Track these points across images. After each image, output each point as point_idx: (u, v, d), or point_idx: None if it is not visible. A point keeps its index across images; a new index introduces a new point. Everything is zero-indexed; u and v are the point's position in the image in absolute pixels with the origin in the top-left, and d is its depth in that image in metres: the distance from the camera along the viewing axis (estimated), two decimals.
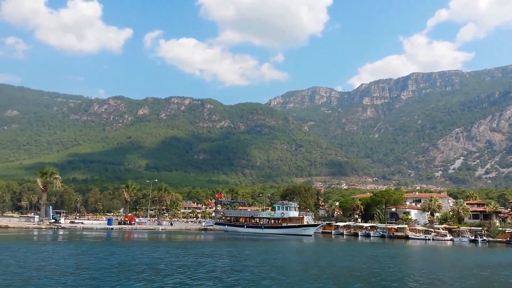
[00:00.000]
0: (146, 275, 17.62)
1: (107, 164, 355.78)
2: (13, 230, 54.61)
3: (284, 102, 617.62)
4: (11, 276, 16.00)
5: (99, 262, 21.17)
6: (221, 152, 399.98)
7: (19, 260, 20.81)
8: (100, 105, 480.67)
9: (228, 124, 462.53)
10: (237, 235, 67.59)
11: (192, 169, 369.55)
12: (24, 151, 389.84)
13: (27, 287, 13.99)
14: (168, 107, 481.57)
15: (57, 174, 67.95)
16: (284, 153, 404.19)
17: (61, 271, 17.80)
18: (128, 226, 71.62)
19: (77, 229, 62.54)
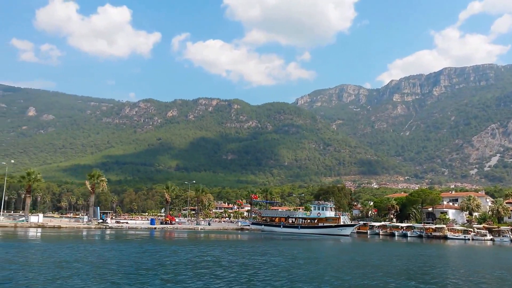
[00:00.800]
0: (221, 271, 19.24)
1: (139, 165, 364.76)
2: (65, 230, 58.02)
3: (311, 101, 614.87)
4: (113, 272, 17.82)
5: (169, 259, 23.03)
6: (249, 152, 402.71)
7: (104, 257, 22.83)
8: (131, 108, 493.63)
9: (255, 124, 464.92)
10: (274, 235, 68.96)
11: (220, 170, 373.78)
12: (60, 153, 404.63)
13: (133, 283, 15.59)
14: (196, 109, 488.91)
15: (103, 176, 71.62)
16: (312, 153, 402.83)
17: (143, 267, 19.61)
18: (170, 225, 74.45)
19: (123, 229, 65.61)
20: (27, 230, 54.13)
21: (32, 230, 55.41)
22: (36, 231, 52.69)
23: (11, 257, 22.33)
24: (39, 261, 20.85)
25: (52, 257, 22.28)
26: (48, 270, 17.63)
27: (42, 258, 21.99)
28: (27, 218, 62.65)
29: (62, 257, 22.31)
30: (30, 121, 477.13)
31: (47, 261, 20.70)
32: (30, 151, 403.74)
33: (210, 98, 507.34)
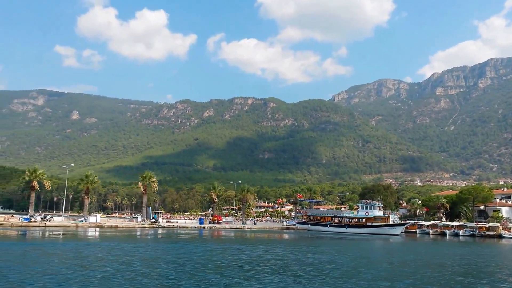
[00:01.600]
0: (299, 268, 20.41)
1: (177, 165, 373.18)
2: (121, 229, 61.24)
3: (348, 97, 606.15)
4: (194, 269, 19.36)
5: (240, 257, 24.45)
6: (286, 150, 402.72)
7: (182, 256, 24.51)
8: (168, 109, 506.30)
9: (291, 122, 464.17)
10: (321, 234, 69.48)
11: (257, 169, 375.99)
12: (103, 155, 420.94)
13: (222, 278, 16.98)
14: (231, 108, 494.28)
15: (154, 177, 74.81)
16: (351, 150, 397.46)
17: (222, 265, 21.07)
18: (218, 225, 76.68)
19: (174, 228, 68.31)
20: (87, 230, 57.58)
21: (91, 229, 58.89)
22: (95, 231, 55.95)
23: (104, 255, 24.37)
24: (130, 259, 22.58)
25: (135, 255, 24.13)
26: (148, 269, 19.23)
27: (129, 256, 23.80)
28: (86, 218, 66.58)
29: (146, 255, 24.12)
30: (74, 125, 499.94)
31: (136, 259, 22.48)
32: (74, 153, 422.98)
33: (246, 97, 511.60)
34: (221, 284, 15.14)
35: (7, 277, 15.43)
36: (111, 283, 15.01)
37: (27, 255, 23.48)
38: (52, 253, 24.46)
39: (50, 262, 20.61)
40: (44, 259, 21.56)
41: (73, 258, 22.71)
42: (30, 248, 27.99)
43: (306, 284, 16.11)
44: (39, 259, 21.78)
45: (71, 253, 24.91)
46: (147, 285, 14.49)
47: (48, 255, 23.44)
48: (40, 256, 23.20)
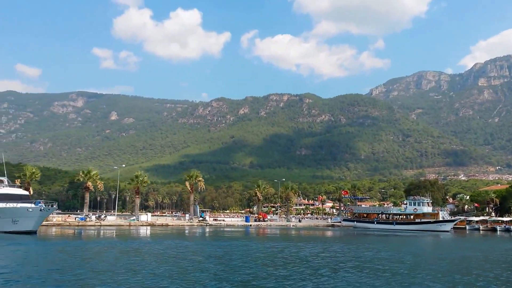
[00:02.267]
0: (369, 265, 21.30)
1: (214, 163, 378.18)
2: (172, 228, 63.93)
3: (387, 90, 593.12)
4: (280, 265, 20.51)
5: (302, 254, 25.57)
6: (323, 146, 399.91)
7: (249, 254, 25.84)
8: (204, 107, 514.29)
9: (328, 117, 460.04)
10: (368, 231, 69.50)
11: (295, 165, 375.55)
12: (141, 155, 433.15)
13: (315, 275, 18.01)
14: (267, 105, 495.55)
15: (201, 177, 77.34)
16: (391, 144, 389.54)
17: (289, 262, 22.19)
18: (263, 223, 78.30)
19: (221, 226, 70.49)
20: (139, 228, 60.49)
21: (143, 228, 61.80)
22: (146, 229, 58.68)
23: (177, 252, 26.18)
24: (202, 256, 24.21)
25: (204, 252, 25.76)
26: (224, 265, 20.64)
27: (199, 254, 25.45)
28: (137, 217, 69.90)
29: (214, 253, 25.70)
30: (112, 125, 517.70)
31: (207, 256, 24.07)
32: (114, 153, 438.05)
33: (281, 93, 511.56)
34: (310, 281, 15.94)
35: (114, 275, 17.01)
36: (202, 276, 16.38)
37: (106, 253, 25.47)
38: (129, 251, 26.41)
39: (131, 259, 22.35)
40: (125, 257, 23.29)
41: (151, 254, 24.49)
42: (105, 247, 30.25)
43: (387, 279, 16.94)
44: (121, 257, 23.50)
45: (146, 251, 26.82)
46: (239, 281, 15.53)
47: (125, 253, 25.32)
48: (119, 254, 25.14)
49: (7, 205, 39.55)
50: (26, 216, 38.83)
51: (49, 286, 13.93)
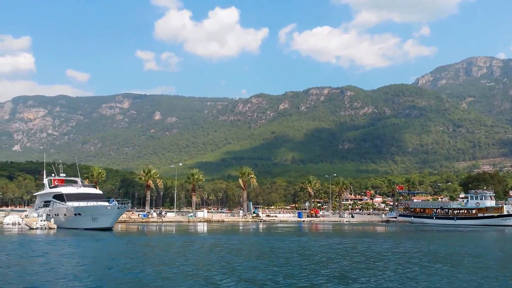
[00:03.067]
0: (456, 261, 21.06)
1: (256, 159, 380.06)
2: (227, 224, 65.38)
3: (434, 79, 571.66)
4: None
5: (378, 249, 25.61)
6: (368, 140, 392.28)
7: (322, 250, 26.28)
8: (244, 104, 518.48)
9: (372, 110, 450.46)
10: (426, 226, 67.85)
11: (338, 160, 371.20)
12: (184, 152, 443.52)
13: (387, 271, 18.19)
14: (307, 99, 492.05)
15: (253, 174, 78.58)
16: (440, 136, 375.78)
17: (372, 258, 22.32)
18: (316, 218, 78.36)
19: (275, 222, 71.19)
20: (197, 224, 62.33)
21: (200, 224, 63.63)
22: (203, 225, 60.34)
23: (257, 247, 26.94)
24: (280, 251, 24.72)
25: (281, 248, 26.29)
26: (307, 259, 21.09)
27: (276, 249, 26.04)
28: (194, 213, 72.09)
29: (295, 248, 26.23)
30: (156, 125, 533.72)
31: (284, 251, 24.55)
32: (158, 152, 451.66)
33: (321, 87, 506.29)
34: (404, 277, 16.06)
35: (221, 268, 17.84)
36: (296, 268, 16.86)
37: (194, 248, 26.58)
38: (215, 245, 27.37)
39: (219, 253, 23.21)
40: (211, 251, 24.29)
41: (236, 249, 25.24)
42: (186, 242, 31.53)
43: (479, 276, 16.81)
44: (211, 251, 24.42)
45: (229, 246, 27.64)
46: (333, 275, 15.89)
47: (214, 247, 26.26)
48: (205, 248, 26.19)
49: (88, 204, 42.25)
50: (105, 214, 41.24)
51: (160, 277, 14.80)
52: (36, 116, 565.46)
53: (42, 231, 39.86)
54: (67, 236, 35.16)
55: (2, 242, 29.52)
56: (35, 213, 48.98)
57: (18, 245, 27.74)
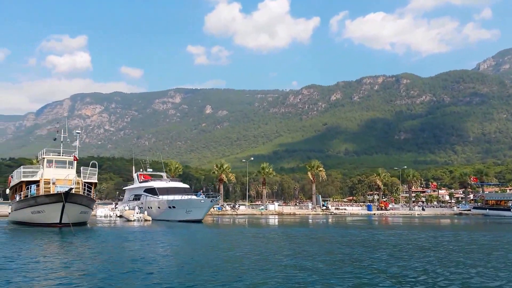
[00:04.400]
0: None
1: (308, 151, 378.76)
2: (299, 216, 66.79)
3: (496, 64, 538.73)
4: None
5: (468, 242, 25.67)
6: (425, 129, 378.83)
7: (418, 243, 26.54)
8: (295, 96, 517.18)
9: (429, 98, 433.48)
10: (504, 219, 65.68)
11: (394, 151, 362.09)
12: (236, 146, 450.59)
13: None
14: (360, 89, 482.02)
15: (322, 167, 79.60)
16: (504, 124, 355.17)
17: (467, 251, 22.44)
18: (386, 211, 78.07)
19: (345, 215, 71.76)
20: (268, 217, 64.24)
21: (272, 216, 65.53)
22: (275, 218, 61.96)
23: (351, 239, 27.88)
24: (371, 243, 25.38)
25: (372, 239, 26.98)
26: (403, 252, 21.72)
27: (370, 241, 26.73)
28: (265, 206, 74.35)
29: (392, 242, 26.88)
30: (208, 118, 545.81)
31: (375, 243, 25.21)
32: (210, 145, 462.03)
33: (375, 75, 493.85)
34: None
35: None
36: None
37: (285, 239, 27.99)
38: (311, 237, 28.83)
39: (320, 245, 24.28)
40: (311, 243, 25.47)
41: (329, 242, 26.32)
42: (274, 233, 33.25)
43: None
44: (305, 242, 25.66)
45: (321, 236, 28.97)
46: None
47: (309, 239, 27.67)
48: (294, 239, 27.37)
49: (182, 197, 45.40)
50: (198, 207, 44.00)
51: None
52: (93, 112, 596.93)
53: (139, 223, 43.18)
54: (169, 227, 37.89)
55: (125, 232, 32.76)
56: (126, 206, 53.02)
57: (142, 234, 30.64)
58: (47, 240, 25.38)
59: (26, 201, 34.93)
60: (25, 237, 27.42)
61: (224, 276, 13.47)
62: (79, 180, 36.95)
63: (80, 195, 33.76)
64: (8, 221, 42.34)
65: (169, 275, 13.63)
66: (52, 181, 35.76)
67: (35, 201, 33.72)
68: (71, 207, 32.67)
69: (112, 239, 26.60)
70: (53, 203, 32.52)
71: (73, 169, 38.44)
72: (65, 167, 38.09)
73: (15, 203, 38.22)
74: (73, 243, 23.74)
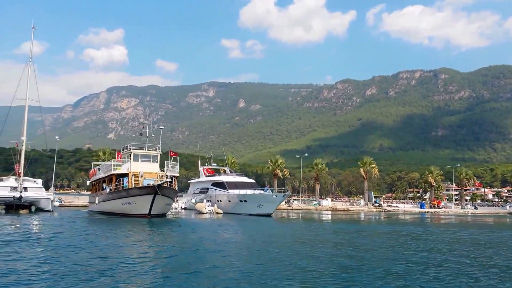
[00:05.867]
0: None
1: (342, 147, 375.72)
2: (353, 213, 67.21)
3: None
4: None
5: None
6: (464, 126, 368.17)
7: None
8: (329, 90, 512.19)
9: (469, 93, 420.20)
10: None
11: (430, 147, 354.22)
12: (268, 140, 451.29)
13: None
14: (396, 84, 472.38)
15: (374, 164, 79.67)
16: None
17: None
18: (439, 209, 77.44)
19: (398, 212, 71.69)
20: (322, 213, 64.95)
21: (325, 212, 66.24)
22: (328, 214, 62.49)
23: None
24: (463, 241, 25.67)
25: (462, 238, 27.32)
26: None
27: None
28: (318, 202, 75.23)
29: (459, 238, 27.15)
30: (241, 112, 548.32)
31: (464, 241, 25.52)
32: (243, 139, 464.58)
33: (412, 70, 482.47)
34: None
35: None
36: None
37: (370, 235, 28.70)
38: (412, 234, 29.50)
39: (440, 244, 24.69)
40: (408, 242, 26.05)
41: (441, 241, 26.80)
42: (363, 229, 34.08)
43: None
44: (396, 239, 26.39)
45: (427, 236, 29.42)
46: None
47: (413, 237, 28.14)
48: (385, 235, 28.07)
49: (255, 192, 46.97)
50: (270, 201, 45.51)
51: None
52: (128, 105, 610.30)
53: (210, 215, 44.95)
54: (244, 220, 39.25)
55: (209, 224, 34.52)
56: (192, 199, 55.09)
57: (228, 225, 32.24)
58: (155, 230, 27.38)
59: (117, 193, 37.18)
60: (128, 226, 29.05)
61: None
62: (164, 174, 38.94)
63: (169, 188, 35.69)
64: (89, 211, 45.00)
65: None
66: (140, 174, 37.90)
67: (127, 193, 35.87)
68: (160, 199, 34.65)
69: (203, 230, 28.40)
70: (144, 195, 34.56)
71: (157, 163, 40.56)
72: (150, 161, 40.26)
73: (103, 195, 40.66)
74: (170, 232, 25.53)
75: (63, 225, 28.78)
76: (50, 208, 40.13)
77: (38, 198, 39.66)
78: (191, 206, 52.27)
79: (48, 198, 40.44)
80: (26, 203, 39.62)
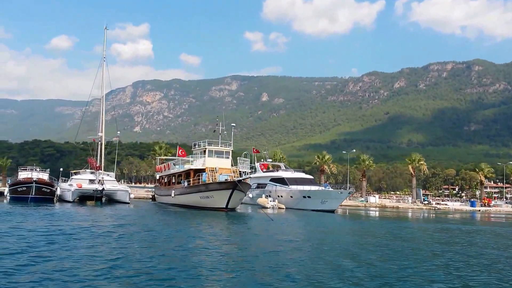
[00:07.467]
0: None
1: (368, 142, 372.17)
2: (402, 210, 67.61)
3: None
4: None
5: None
6: (498, 120, 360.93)
7: None
8: (354, 83, 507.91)
9: (504, 86, 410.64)
10: None
11: (462, 143, 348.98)
12: (292, 134, 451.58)
13: None
14: (426, 76, 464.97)
15: (423, 160, 79.82)
16: None
17: None
18: (491, 208, 77.13)
19: (449, 211, 71.64)
20: (369, 210, 65.58)
21: (373, 209, 66.84)
22: (376, 211, 62.97)
23: None
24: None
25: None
26: None
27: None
28: (366, 199, 75.96)
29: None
30: (264, 106, 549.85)
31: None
32: (266, 133, 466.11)
33: (444, 62, 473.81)
34: None
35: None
36: None
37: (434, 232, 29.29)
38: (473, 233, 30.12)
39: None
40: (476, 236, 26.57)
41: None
42: (432, 227, 34.79)
43: None
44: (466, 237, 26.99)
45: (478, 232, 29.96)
46: None
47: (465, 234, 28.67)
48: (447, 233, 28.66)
49: (319, 188, 48.28)
50: (335, 198, 46.58)
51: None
52: (153, 99, 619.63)
53: (273, 210, 46.35)
54: (305, 216, 40.13)
55: (285, 218, 35.91)
56: (250, 194, 56.59)
57: (299, 221, 33.49)
58: (248, 223, 28.76)
59: (196, 187, 39.06)
60: (217, 219, 30.08)
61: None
62: (236, 169, 40.58)
63: (245, 183, 37.29)
64: (161, 203, 47.14)
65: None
66: (215, 170, 39.65)
67: (206, 187, 37.66)
68: (236, 194, 36.39)
69: (294, 224, 29.62)
70: (223, 189, 36.31)
71: (229, 159, 42.27)
72: (223, 157, 42.01)
73: (180, 188, 42.63)
74: (279, 226, 26.82)
75: (145, 216, 30.80)
76: (128, 200, 42.34)
77: (117, 190, 41.89)
78: (247, 201, 53.74)
79: (126, 191, 42.67)
80: (106, 196, 41.92)
